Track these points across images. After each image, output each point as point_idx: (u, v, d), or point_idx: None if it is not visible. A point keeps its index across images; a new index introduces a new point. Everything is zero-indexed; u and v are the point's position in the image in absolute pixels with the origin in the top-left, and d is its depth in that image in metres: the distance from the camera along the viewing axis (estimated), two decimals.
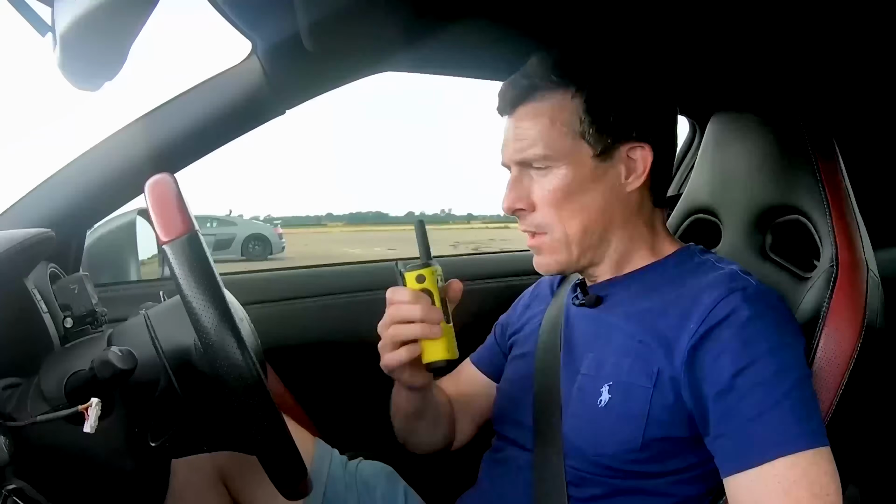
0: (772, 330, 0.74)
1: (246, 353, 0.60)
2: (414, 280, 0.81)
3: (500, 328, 1.07)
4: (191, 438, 0.74)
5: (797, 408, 0.70)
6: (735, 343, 0.73)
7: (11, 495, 0.59)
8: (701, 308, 0.76)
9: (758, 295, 0.76)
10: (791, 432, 0.69)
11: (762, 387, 0.70)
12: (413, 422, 0.98)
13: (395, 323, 0.80)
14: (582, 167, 0.83)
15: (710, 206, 1.06)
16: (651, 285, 0.85)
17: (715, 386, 0.72)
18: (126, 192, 1.08)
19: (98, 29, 0.60)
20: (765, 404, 0.70)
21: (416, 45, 1.10)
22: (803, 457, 0.68)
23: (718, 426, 0.72)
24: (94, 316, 0.81)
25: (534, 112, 0.84)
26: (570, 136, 0.83)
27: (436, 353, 0.80)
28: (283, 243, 14.05)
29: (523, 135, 0.84)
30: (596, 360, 0.84)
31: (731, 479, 0.71)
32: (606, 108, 0.83)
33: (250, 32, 1.04)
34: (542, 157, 0.83)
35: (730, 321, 0.74)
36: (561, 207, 0.83)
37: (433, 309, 0.80)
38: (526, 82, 0.84)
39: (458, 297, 0.83)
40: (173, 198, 0.62)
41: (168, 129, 1.07)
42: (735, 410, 0.71)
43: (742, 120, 1.00)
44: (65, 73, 0.67)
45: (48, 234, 0.85)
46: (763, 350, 0.72)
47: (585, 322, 0.89)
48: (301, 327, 1.35)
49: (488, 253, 1.86)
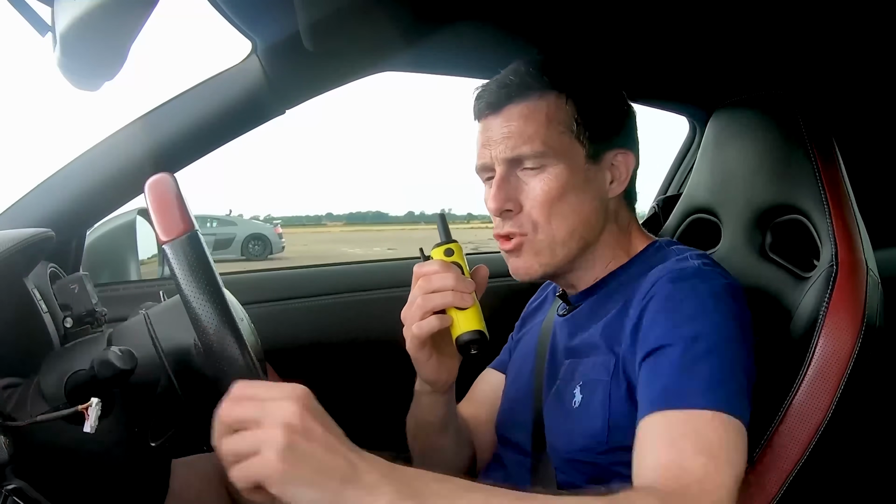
0: (696, 300, 0.73)
1: (246, 353, 0.60)
2: (443, 253, 0.80)
3: (516, 331, 1.07)
4: (191, 438, 0.74)
5: (710, 371, 0.69)
6: (661, 314, 0.73)
7: (11, 495, 0.59)
8: (639, 294, 0.77)
9: (693, 272, 0.76)
10: (693, 388, 0.67)
11: (680, 346, 0.70)
12: (439, 437, 0.93)
13: (425, 294, 0.77)
14: (576, 168, 0.82)
15: (710, 205, 1.06)
16: (614, 288, 0.86)
17: (642, 352, 0.73)
18: (126, 192, 1.09)
19: (98, 29, 0.61)
20: (681, 361, 0.69)
21: (416, 45, 1.10)
22: (700, 415, 0.66)
23: (640, 388, 0.72)
24: (94, 316, 0.81)
25: (528, 110, 0.82)
26: (567, 136, 0.82)
27: (468, 324, 0.77)
28: (282, 243, 14.07)
29: (516, 132, 0.82)
30: (571, 366, 0.85)
31: (637, 425, 0.70)
32: (598, 113, 0.84)
33: (250, 32, 1.04)
34: (538, 154, 0.81)
35: (657, 296, 0.75)
36: (552, 208, 0.82)
37: (464, 278, 0.78)
38: (517, 81, 0.83)
39: (484, 282, 0.81)
40: (173, 197, 0.62)
41: (168, 129, 1.07)
42: (654, 368, 0.71)
43: (742, 120, 1.00)
44: (65, 73, 0.67)
45: (48, 234, 0.86)
46: (686, 313, 0.72)
47: (564, 331, 0.90)
48: (301, 327, 1.35)
49: (488, 253, 1.86)
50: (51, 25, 0.65)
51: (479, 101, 0.86)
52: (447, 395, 0.88)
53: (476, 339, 0.77)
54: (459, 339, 0.77)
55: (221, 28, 1.02)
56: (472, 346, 0.77)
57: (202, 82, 1.08)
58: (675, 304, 0.74)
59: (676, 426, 0.66)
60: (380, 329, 1.34)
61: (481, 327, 0.77)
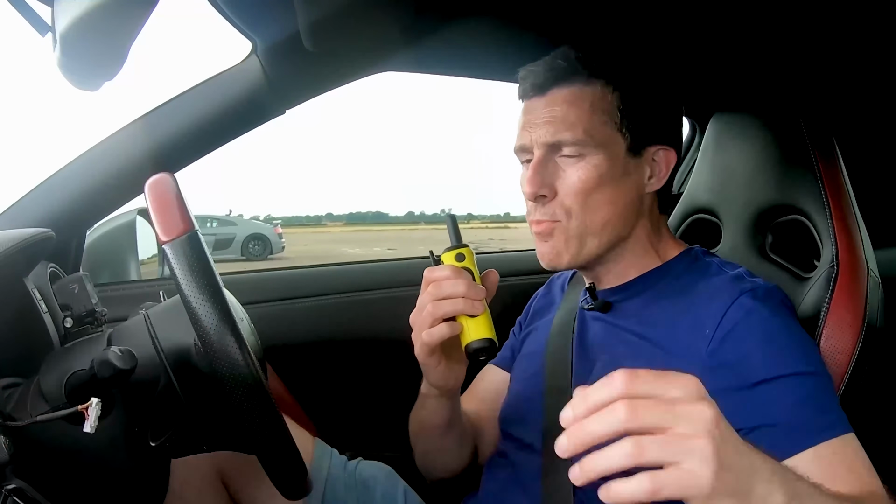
0: (790, 323, 0.75)
1: (246, 353, 0.60)
2: (453, 258, 0.78)
3: (518, 327, 1.06)
4: (191, 438, 0.74)
5: (831, 392, 0.72)
6: (759, 341, 0.73)
7: (11, 495, 0.59)
8: (714, 312, 0.76)
9: (768, 294, 0.77)
10: (835, 415, 0.70)
11: (797, 377, 0.71)
12: (443, 438, 0.92)
13: (435, 300, 0.76)
14: (616, 159, 0.81)
15: (711, 205, 1.06)
16: (660, 292, 0.84)
17: (746, 380, 0.71)
18: (126, 192, 1.09)
19: (98, 29, 0.61)
20: (804, 392, 0.70)
21: (416, 45, 1.10)
22: (850, 438, 0.69)
23: (756, 417, 0.70)
24: (94, 316, 0.81)
25: (573, 96, 0.81)
26: (610, 126, 0.81)
27: (478, 332, 0.76)
28: (282, 243, 14.06)
29: (559, 117, 0.80)
30: (610, 365, 0.82)
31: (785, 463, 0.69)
32: (643, 107, 0.83)
33: (250, 32, 1.04)
34: (579, 142, 0.80)
35: (748, 322, 0.74)
36: (588, 197, 0.80)
37: (475, 284, 0.76)
38: (565, 65, 0.82)
39: (494, 287, 0.80)
40: (173, 197, 0.62)
41: (168, 129, 1.07)
42: (775, 400, 0.70)
43: (742, 120, 1.00)
44: (65, 73, 0.67)
45: (48, 234, 0.86)
46: (788, 344, 0.73)
47: (597, 326, 0.88)
48: (301, 327, 1.35)
49: (488, 253, 1.86)
50: (51, 25, 0.65)
51: (524, 82, 0.85)
52: (453, 398, 0.88)
53: (486, 347, 0.76)
54: (469, 347, 0.76)
55: (221, 28, 1.03)
56: (481, 353, 0.76)
57: (202, 82, 1.08)
58: (773, 329, 0.73)
59: (845, 451, 0.68)
60: (380, 329, 1.35)
61: (491, 335, 0.76)
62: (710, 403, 0.46)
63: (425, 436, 0.94)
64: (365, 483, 1.02)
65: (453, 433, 0.92)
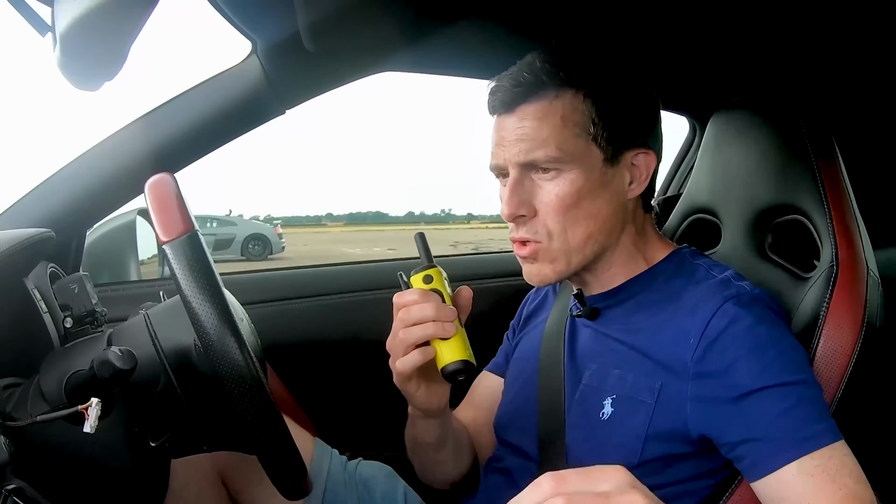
0: (775, 332, 0.74)
1: (246, 353, 0.60)
2: (421, 281, 0.76)
3: (511, 332, 1.06)
4: (191, 438, 0.74)
5: (817, 401, 0.71)
6: (743, 350, 0.72)
7: (11, 495, 0.59)
8: (698, 321, 0.75)
9: (753, 300, 0.76)
10: (820, 426, 0.69)
11: (781, 388, 0.70)
12: (437, 454, 0.92)
13: (405, 327, 0.75)
14: (592, 171, 0.79)
15: (710, 205, 1.06)
16: (647, 298, 0.83)
17: (731, 392, 0.71)
18: (126, 192, 1.09)
19: (98, 29, 0.60)
20: (788, 403, 0.70)
21: (416, 45, 1.10)
22: (838, 447, 0.69)
23: (741, 431, 0.71)
24: (94, 316, 0.81)
25: (542, 111, 0.78)
26: (583, 139, 0.79)
27: (452, 354, 0.74)
28: (282, 243, 14.07)
29: (530, 134, 0.78)
30: (599, 372, 0.83)
31: (769, 478, 0.69)
32: (618, 111, 0.80)
33: (250, 32, 1.04)
34: (553, 160, 0.78)
35: (732, 331, 0.73)
36: (567, 214, 0.79)
37: (445, 307, 0.74)
38: (531, 78, 0.79)
39: (468, 304, 0.78)
40: (173, 197, 0.62)
41: (168, 129, 1.07)
42: (759, 413, 0.70)
43: (742, 120, 1.00)
44: (65, 73, 0.67)
45: (48, 234, 0.86)
46: (773, 353, 0.72)
47: (586, 333, 0.88)
48: (301, 327, 1.35)
49: (488, 253, 1.86)
50: (51, 25, 0.65)
51: (492, 98, 0.82)
52: (441, 417, 0.87)
53: (461, 369, 0.75)
54: (445, 371, 0.75)
55: (221, 28, 1.02)
56: (458, 374, 0.75)
57: (202, 82, 1.08)
58: (758, 338, 0.73)
59: (828, 465, 0.68)
60: (380, 329, 1.33)
61: (467, 356, 0.75)
62: (641, 492, 0.46)
63: (420, 452, 0.94)
64: (365, 483, 1.02)
65: (447, 448, 0.92)
